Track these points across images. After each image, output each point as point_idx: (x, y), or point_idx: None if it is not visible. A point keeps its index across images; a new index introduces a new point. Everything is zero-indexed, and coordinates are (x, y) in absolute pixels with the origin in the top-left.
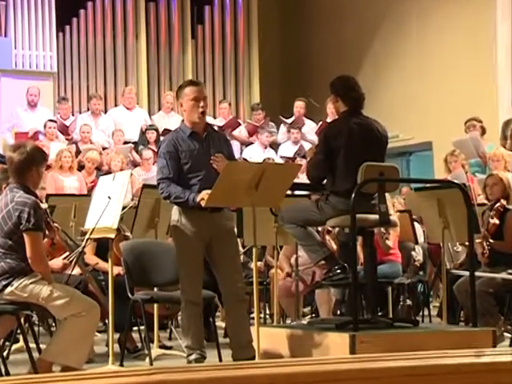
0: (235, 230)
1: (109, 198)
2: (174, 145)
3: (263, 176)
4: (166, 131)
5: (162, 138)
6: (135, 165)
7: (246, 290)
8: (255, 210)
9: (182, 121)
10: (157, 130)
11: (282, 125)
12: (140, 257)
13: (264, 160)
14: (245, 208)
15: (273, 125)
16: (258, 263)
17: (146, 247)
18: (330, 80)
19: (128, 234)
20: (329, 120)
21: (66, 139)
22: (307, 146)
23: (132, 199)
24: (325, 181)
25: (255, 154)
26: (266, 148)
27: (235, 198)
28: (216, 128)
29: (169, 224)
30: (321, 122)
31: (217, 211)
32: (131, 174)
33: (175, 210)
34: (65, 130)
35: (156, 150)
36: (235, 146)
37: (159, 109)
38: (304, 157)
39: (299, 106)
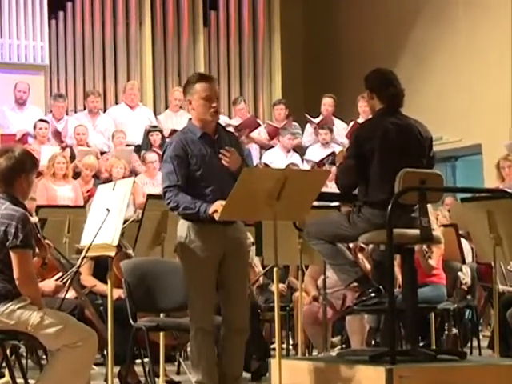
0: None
1: (107, 210)
2: (183, 147)
3: (286, 184)
4: (174, 132)
5: (167, 140)
6: (135, 173)
7: (267, 317)
8: (277, 223)
9: (190, 119)
10: (161, 131)
11: (307, 125)
12: (144, 278)
13: (287, 166)
14: (265, 222)
15: (296, 125)
16: (280, 285)
17: (150, 267)
18: (362, 73)
19: (130, 251)
20: (361, 121)
21: (59, 146)
22: (339, 150)
23: (135, 211)
24: (357, 190)
25: (277, 158)
26: (288, 152)
27: (254, 210)
28: (231, 129)
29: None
30: (352, 123)
31: (230, 224)
32: (134, 182)
33: (182, 224)
34: (57, 136)
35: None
36: (254, 149)
37: (166, 107)
38: (334, 163)
39: (327, 103)
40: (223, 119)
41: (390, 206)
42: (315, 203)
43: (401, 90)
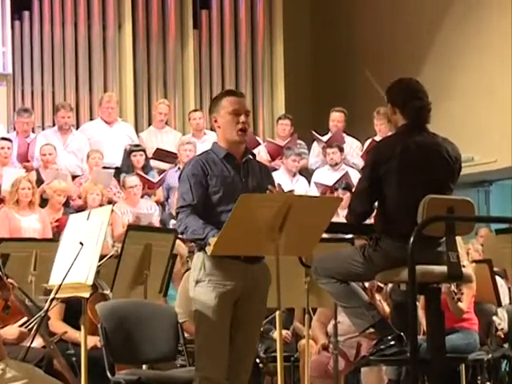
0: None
1: (81, 244)
2: (203, 166)
3: (290, 213)
4: (160, 152)
5: (153, 162)
6: (109, 201)
7: (269, 369)
8: (279, 259)
9: (215, 143)
10: (144, 150)
11: (314, 144)
12: (123, 323)
13: (289, 191)
14: (267, 257)
15: (302, 144)
16: (284, 332)
17: (131, 310)
18: (379, 84)
19: (107, 292)
20: (378, 139)
21: (25, 167)
22: (353, 174)
23: (113, 245)
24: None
25: (280, 182)
26: (294, 176)
27: (252, 244)
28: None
29: (164, 278)
30: (369, 141)
31: (254, 261)
32: (112, 211)
33: (198, 256)
34: (24, 153)
35: (144, 176)
36: None
37: (149, 123)
38: (348, 188)
39: (337, 118)
40: (211, 134)
41: (411, 239)
42: (324, 235)
43: (427, 104)
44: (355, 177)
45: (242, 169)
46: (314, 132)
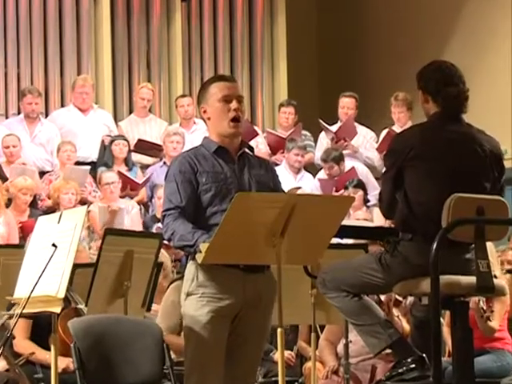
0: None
1: (54, 246)
2: (191, 162)
3: (293, 215)
4: (142, 144)
5: (134, 156)
6: (84, 202)
7: None
8: (281, 269)
9: (206, 137)
10: (127, 140)
11: (321, 134)
12: (100, 342)
13: (291, 189)
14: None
15: (307, 135)
16: (287, 353)
17: (109, 327)
18: (395, 67)
19: (81, 306)
20: (397, 129)
21: None
22: (363, 170)
23: (89, 252)
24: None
25: (283, 181)
26: (298, 172)
27: (249, 251)
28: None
29: (147, 292)
30: (385, 131)
31: (256, 270)
32: (88, 212)
33: (191, 265)
34: None
35: (127, 172)
36: None
37: (130, 110)
38: (360, 186)
39: (347, 104)
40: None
41: (435, 244)
42: (333, 241)
43: (463, 91)
44: (365, 171)
45: (237, 164)
46: (321, 121)
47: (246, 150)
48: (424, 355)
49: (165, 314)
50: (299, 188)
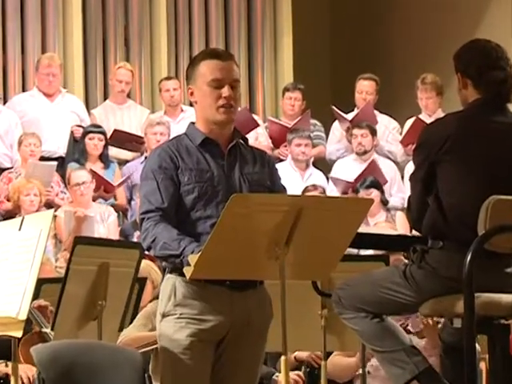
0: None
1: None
2: (172, 157)
3: (300, 220)
4: (119, 135)
5: (110, 151)
6: (50, 205)
7: None
8: (286, 284)
9: (192, 124)
10: (104, 133)
11: (334, 124)
12: (70, 373)
13: (305, 189)
14: (266, 281)
15: (317, 124)
16: (293, 374)
17: (80, 355)
18: (420, 48)
19: (47, 330)
20: (425, 118)
21: None
22: (387, 165)
23: (55, 264)
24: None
25: (287, 179)
26: (306, 169)
27: (248, 264)
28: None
29: (126, 311)
30: (412, 120)
31: (245, 287)
32: (55, 217)
33: (167, 280)
34: None
35: (102, 170)
36: None
37: (105, 96)
38: (373, 185)
39: (366, 89)
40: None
41: (469, 255)
42: (348, 251)
43: (510, 75)
44: (390, 170)
45: (227, 159)
46: (334, 108)
47: (240, 141)
48: None
49: (140, 321)
50: (317, 187)
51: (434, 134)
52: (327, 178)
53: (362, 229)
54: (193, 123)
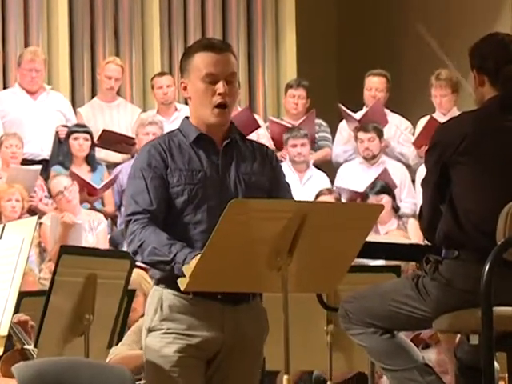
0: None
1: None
2: (162, 154)
3: (304, 228)
4: (108, 136)
5: (98, 153)
6: (33, 211)
7: None
8: (288, 297)
9: (186, 119)
10: (89, 133)
11: (341, 124)
12: None
13: (320, 194)
14: (267, 295)
15: (323, 124)
16: None
17: (65, 374)
18: (437, 41)
19: (30, 347)
20: (439, 117)
21: None
22: (399, 168)
23: (39, 276)
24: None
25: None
26: (305, 170)
27: (247, 276)
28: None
29: (115, 326)
30: (426, 119)
31: (241, 301)
32: (40, 224)
33: (154, 292)
34: None
35: (89, 174)
36: None
37: (93, 93)
38: (384, 190)
39: (375, 85)
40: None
41: (487, 266)
42: (356, 262)
43: None
44: (399, 173)
45: (222, 157)
46: (341, 106)
47: (236, 136)
48: None
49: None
50: (332, 191)
51: (448, 133)
52: (332, 181)
53: (372, 237)
54: (187, 117)
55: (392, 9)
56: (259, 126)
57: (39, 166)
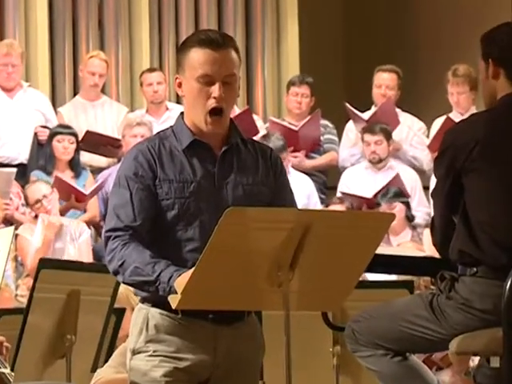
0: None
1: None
2: (150, 162)
3: (307, 240)
4: (92, 138)
5: (82, 157)
6: (9, 221)
7: None
8: (290, 316)
9: (181, 116)
10: (75, 134)
11: (348, 124)
12: None
13: (332, 202)
14: (266, 313)
15: (329, 126)
16: None
17: None
18: (452, 34)
19: (6, 370)
20: (455, 118)
21: None
22: (411, 173)
23: (16, 292)
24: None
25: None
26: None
27: (244, 293)
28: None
29: (100, 347)
30: (442, 119)
31: (235, 321)
32: (16, 236)
33: (138, 311)
34: None
35: (72, 180)
36: None
37: (75, 91)
38: (400, 198)
39: (386, 82)
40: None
41: (508, 283)
42: (365, 277)
43: None
44: (411, 179)
45: (220, 166)
46: (348, 105)
47: (238, 140)
48: None
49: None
50: (344, 200)
51: (459, 138)
52: (326, 187)
53: (382, 250)
54: (182, 115)
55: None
56: (257, 132)
57: (14, 169)
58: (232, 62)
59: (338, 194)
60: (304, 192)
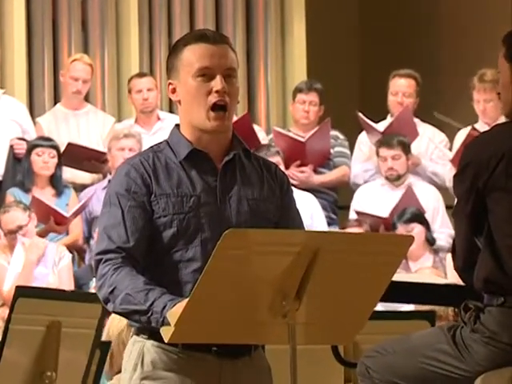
0: None
1: None
2: (144, 176)
3: (316, 266)
4: (74, 150)
5: (65, 171)
6: None
7: None
8: (297, 351)
9: (176, 128)
10: (56, 147)
11: (361, 136)
12: None
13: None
14: (270, 347)
15: (340, 137)
16: None
17: None
18: (479, 37)
19: None
20: (482, 128)
21: None
22: (426, 191)
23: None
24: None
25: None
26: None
27: (245, 324)
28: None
29: None
30: (466, 130)
31: (242, 354)
32: None
33: (133, 344)
34: None
35: (54, 198)
36: None
37: (56, 99)
38: (416, 218)
39: (402, 88)
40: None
41: None
42: (380, 306)
43: None
44: (432, 197)
45: (222, 178)
46: (361, 115)
47: (240, 152)
48: None
49: None
50: (362, 223)
51: (482, 153)
52: (337, 206)
53: (400, 276)
54: (177, 126)
55: (424, 2)
56: (259, 143)
57: None
58: (231, 57)
59: (352, 214)
60: (307, 211)
